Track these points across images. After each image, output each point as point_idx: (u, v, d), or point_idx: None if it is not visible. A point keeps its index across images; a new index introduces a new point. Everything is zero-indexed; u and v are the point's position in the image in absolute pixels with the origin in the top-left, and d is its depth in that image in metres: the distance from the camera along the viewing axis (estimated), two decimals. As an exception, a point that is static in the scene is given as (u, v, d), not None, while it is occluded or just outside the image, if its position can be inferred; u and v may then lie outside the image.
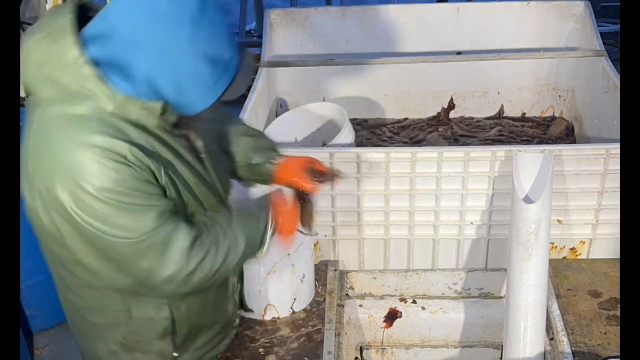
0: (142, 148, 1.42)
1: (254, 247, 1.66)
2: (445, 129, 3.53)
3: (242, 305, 2.18)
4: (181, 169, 1.52)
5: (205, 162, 1.61)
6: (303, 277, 2.26)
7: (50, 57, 1.38)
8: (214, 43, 1.38)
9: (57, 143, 1.38)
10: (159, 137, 1.47)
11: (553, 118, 3.61)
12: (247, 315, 2.27)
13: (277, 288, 2.23)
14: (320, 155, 2.36)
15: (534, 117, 3.65)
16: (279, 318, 2.27)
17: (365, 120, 3.61)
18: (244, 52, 1.47)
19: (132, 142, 1.40)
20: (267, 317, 2.27)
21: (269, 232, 1.67)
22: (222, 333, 1.87)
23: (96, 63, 1.37)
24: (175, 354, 1.73)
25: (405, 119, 3.65)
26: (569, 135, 3.44)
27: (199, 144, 1.59)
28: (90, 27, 1.38)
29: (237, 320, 2.04)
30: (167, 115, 1.45)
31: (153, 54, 1.34)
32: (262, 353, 2.14)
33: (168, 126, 1.48)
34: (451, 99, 3.62)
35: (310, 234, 1.91)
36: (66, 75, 1.37)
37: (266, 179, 1.91)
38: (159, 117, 1.44)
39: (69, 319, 1.74)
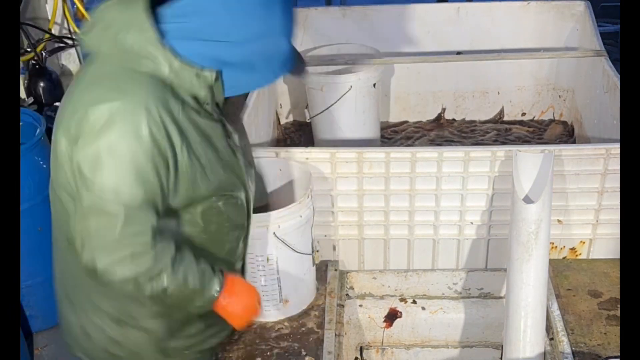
0: (178, 122, 1.44)
1: (195, 300, 1.61)
2: (438, 134, 3.54)
3: None
4: (209, 154, 1.53)
5: (237, 152, 1.63)
6: (304, 275, 2.27)
7: (119, 20, 1.43)
8: (288, 17, 1.45)
9: (96, 98, 1.40)
10: (196, 118, 1.49)
11: (550, 122, 3.61)
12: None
13: (278, 287, 2.23)
14: (320, 155, 2.37)
15: (531, 120, 3.65)
16: (279, 318, 2.27)
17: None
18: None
19: (170, 112, 1.43)
20: (267, 317, 2.27)
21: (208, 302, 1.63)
22: (217, 326, 1.83)
23: (166, 34, 1.41)
24: (165, 337, 1.72)
25: (403, 122, 3.65)
26: (565, 138, 3.45)
27: (235, 137, 1.62)
28: (172, 7, 1.42)
29: None
30: (216, 90, 1.48)
31: (236, 26, 1.39)
32: (261, 353, 2.14)
33: (211, 106, 1.51)
34: (443, 110, 3.63)
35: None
36: (131, 36, 1.41)
37: None
38: (209, 87, 1.46)
39: (63, 290, 1.72)
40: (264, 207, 2.11)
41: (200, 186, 1.53)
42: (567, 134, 3.47)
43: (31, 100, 3.38)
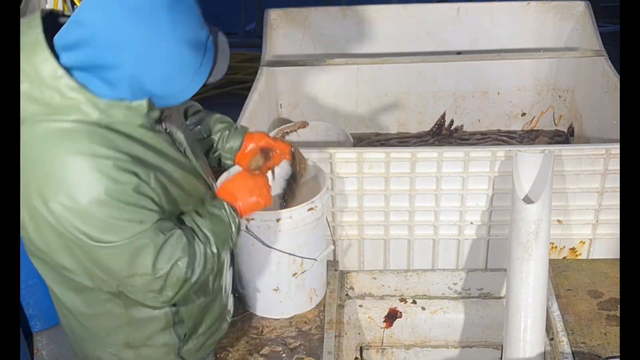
0: (130, 156, 1.42)
1: (226, 243, 1.67)
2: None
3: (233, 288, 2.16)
4: (169, 168, 1.52)
5: (188, 154, 1.62)
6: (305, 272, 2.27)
7: (27, 74, 1.37)
8: (192, 26, 1.39)
9: (47, 158, 1.38)
10: (144, 142, 1.47)
11: (537, 135, 3.60)
12: (250, 311, 2.28)
13: (266, 287, 2.23)
14: (320, 155, 2.37)
15: (520, 130, 3.65)
16: (279, 317, 2.27)
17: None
18: (216, 30, 1.47)
19: (120, 150, 1.41)
20: (268, 316, 2.27)
21: (235, 226, 1.68)
22: (220, 318, 1.87)
23: (74, 71, 1.36)
24: (179, 344, 1.74)
25: (404, 134, 3.66)
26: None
27: (180, 136, 1.60)
28: (64, 35, 1.37)
29: (231, 303, 2.00)
30: (151, 112, 1.45)
31: (136, 51, 1.33)
32: (261, 353, 2.14)
33: (151, 124, 1.48)
34: (444, 114, 3.64)
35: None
36: (46, 90, 1.36)
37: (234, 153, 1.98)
38: (144, 115, 1.43)
39: (67, 329, 1.74)
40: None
41: (176, 199, 1.56)
42: (556, 144, 3.47)
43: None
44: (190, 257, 1.54)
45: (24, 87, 1.37)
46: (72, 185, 1.37)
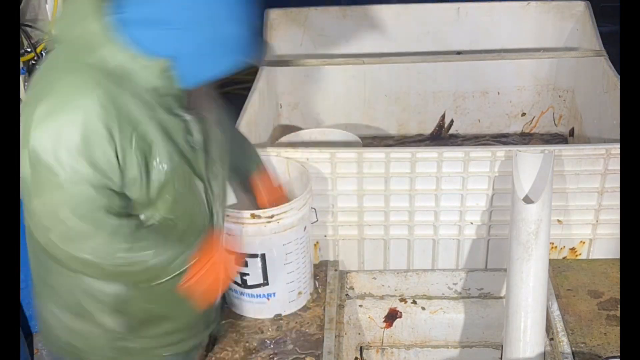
0: (126, 111, 1.43)
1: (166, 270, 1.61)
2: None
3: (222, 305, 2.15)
4: (166, 147, 1.51)
5: (198, 151, 1.60)
6: (303, 275, 2.27)
7: (69, 11, 1.47)
8: (238, 2, 1.44)
9: (52, 79, 1.42)
10: (148, 105, 1.47)
11: (530, 139, 3.61)
12: (249, 313, 2.28)
13: (278, 286, 2.23)
14: (320, 155, 2.37)
15: (514, 133, 3.66)
16: (279, 317, 2.27)
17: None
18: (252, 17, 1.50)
19: (115, 104, 1.41)
20: (268, 315, 2.27)
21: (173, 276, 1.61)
22: (186, 332, 1.80)
23: (115, 24, 1.41)
24: (123, 336, 1.70)
25: (400, 135, 3.66)
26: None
27: (196, 131, 1.59)
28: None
29: (213, 327, 1.97)
30: (169, 81, 1.46)
31: (186, 13, 1.38)
32: (261, 353, 2.14)
33: (170, 103, 1.50)
34: (443, 115, 3.63)
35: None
36: (78, 27, 1.43)
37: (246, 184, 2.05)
38: (162, 78, 1.45)
39: (35, 279, 1.73)
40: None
41: (152, 173, 1.51)
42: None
43: (31, 100, 3.38)
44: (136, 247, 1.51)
45: (63, 21, 1.50)
46: (56, 103, 1.39)
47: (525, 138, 3.62)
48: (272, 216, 2.09)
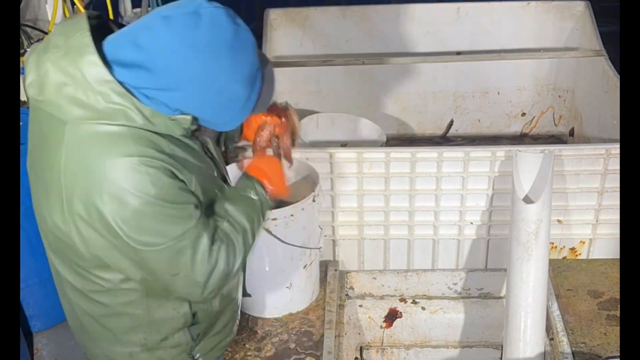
0: (174, 157, 1.43)
1: (260, 224, 1.67)
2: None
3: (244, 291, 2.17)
4: (203, 173, 1.54)
5: (216, 162, 1.64)
6: (307, 274, 2.27)
7: (72, 77, 1.36)
8: (248, 64, 1.41)
9: (95, 160, 1.37)
10: (185, 144, 1.48)
11: (524, 136, 3.61)
12: (248, 313, 2.28)
13: (279, 285, 2.23)
14: (320, 155, 2.37)
15: (512, 134, 3.67)
16: (279, 317, 2.27)
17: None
18: (266, 61, 1.49)
19: (165, 153, 1.42)
20: (268, 315, 2.27)
21: (266, 204, 1.67)
22: (233, 320, 1.87)
23: (121, 80, 1.37)
24: (192, 344, 1.74)
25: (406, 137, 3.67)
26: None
27: (211, 146, 1.63)
28: (119, 51, 1.37)
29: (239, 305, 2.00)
30: (192, 125, 1.47)
31: (193, 85, 1.36)
32: (261, 353, 2.14)
33: (189, 132, 1.49)
34: (451, 122, 3.65)
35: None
36: (91, 93, 1.36)
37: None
38: (186, 128, 1.45)
39: (78, 327, 1.72)
40: None
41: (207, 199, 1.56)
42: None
43: (31, 100, 3.38)
44: (230, 251, 1.54)
45: (67, 90, 1.36)
46: (120, 187, 1.37)
47: (524, 139, 3.63)
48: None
